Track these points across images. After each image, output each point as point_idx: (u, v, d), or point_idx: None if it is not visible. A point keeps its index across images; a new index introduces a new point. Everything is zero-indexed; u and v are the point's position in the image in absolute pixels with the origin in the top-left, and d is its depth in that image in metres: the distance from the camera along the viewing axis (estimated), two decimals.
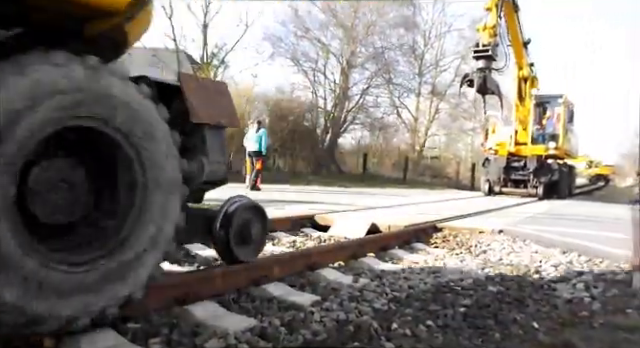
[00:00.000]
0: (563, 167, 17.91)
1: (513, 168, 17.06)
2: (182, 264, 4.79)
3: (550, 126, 17.77)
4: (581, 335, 3.35)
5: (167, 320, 3.13)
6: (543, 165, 16.60)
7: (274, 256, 4.75)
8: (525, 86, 17.15)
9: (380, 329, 3.10)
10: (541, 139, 17.38)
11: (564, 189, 17.58)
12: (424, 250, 6.27)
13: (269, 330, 2.94)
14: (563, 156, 18.02)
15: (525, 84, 17.14)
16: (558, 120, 17.60)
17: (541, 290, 4.41)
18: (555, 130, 17.61)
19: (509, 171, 17.10)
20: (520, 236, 6.82)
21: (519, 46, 16.15)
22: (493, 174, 17.21)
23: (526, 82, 17.14)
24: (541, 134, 17.62)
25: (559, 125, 17.57)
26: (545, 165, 16.67)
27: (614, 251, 5.94)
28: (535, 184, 16.64)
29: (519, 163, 16.92)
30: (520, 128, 17.63)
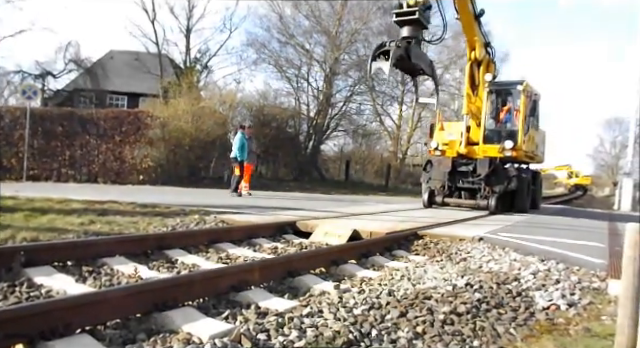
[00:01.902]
0: (524, 173, 13.99)
1: (461, 173, 13.19)
2: (160, 269, 4.73)
3: (508, 121, 13.61)
4: (557, 342, 3.40)
5: (145, 326, 3.10)
6: (497, 170, 12.75)
7: (255, 262, 4.72)
8: (478, 72, 13.15)
9: (359, 335, 3.11)
10: (497, 137, 13.31)
11: (524, 201, 13.56)
12: (405, 257, 6.29)
13: (247, 336, 2.92)
14: (523, 159, 13.77)
15: (478, 69, 13.12)
16: (517, 114, 13.35)
17: (519, 297, 4.45)
18: (513, 126, 13.38)
19: (456, 177, 13.24)
20: (500, 244, 6.88)
21: (468, 18, 11.79)
22: (436, 181, 13.42)
23: (479, 66, 13.08)
24: (497, 131, 13.57)
25: (518, 120, 13.29)
26: (500, 170, 12.83)
27: (590, 259, 6.03)
28: (487, 194, 12.71)
29: (468, 167, 13.07)
30: (473, 124, 13.65)
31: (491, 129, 13.59)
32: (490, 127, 13.62)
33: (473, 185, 13.02)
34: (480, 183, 12.78)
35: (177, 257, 5.22)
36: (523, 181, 13.30)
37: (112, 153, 18.35)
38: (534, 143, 14.58)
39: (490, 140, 13.23)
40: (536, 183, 15.68)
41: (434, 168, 13.42)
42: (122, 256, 4.89)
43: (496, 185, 12.61)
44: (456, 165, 13.17)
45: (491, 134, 13.46)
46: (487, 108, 13.45)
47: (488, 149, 13.01)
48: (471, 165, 12.99)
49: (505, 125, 13.55)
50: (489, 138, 13.31)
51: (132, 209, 8.66)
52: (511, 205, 13.15)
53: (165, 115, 19.79)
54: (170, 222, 7.50)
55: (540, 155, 15.88)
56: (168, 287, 3.46)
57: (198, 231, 6.63)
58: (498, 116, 13.75)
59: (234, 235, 6.42)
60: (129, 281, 4.18)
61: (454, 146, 13.51)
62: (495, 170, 12.70)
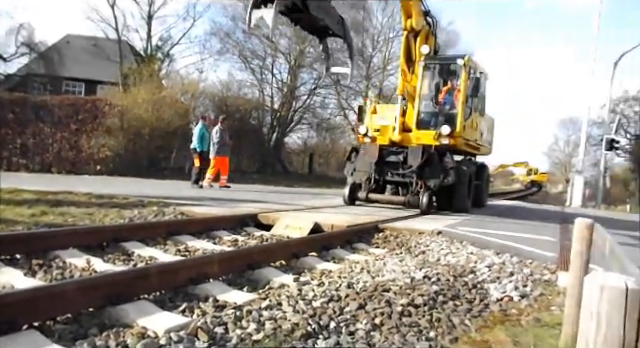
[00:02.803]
0: (465, 165, 11.82)
1: (391, 165, 10.94)
2: (116, 262, 4.62)
3: (447, 103, 11.29)
4: (509, 332, 3.50)
5: (98, 320, 3.02)
6: (432, 161, 10.56)
7: (214, 254, 4.67)
8: (415, 44, 11.17)
9: (318, 327, 3.12)
10: (433, 122, 11.19)
11: (463, 199, 11.34)
12: (365, 250, 6.35)
13: (204, 329, 2.88)
14: (463, 148, 11.70)
15: (415, 41, 11.17)
16: (458, 94, 11.16)
17: (475, 290, 4.56)
18: (452, 108, 11.19)
19: (384, 169, 10.98)
20: (457, 238, 7.03)
21: None
22: (361, 173, 11.18)
23: (416, 38, 11.15)
24: (434, 115, 11.40)
25: (458, 101, 11.12)
26: (435, 161, 10.60)
27: (543, 253, 6.23)
28: (419, 189, 10.53)
29: (398, 157, 10.85)
30: (410, 107, 11.55)
31: (427, 112, 11.47)
32: (426, 110, 11.49)
33: (404, 178, 10.81)
34: (412, 176, 10.61)
35: (134, 250, 5.10)
36: (463, 175, 11.17)
37: (67, 142, 17.77)
38: (478, 130, 12.48)
39: (425, 125, 11.15)
40: (481, 178, 13.42)
41: (359, 158, 11.19)
42: (75, 249, 4.74)
43: (430, 179, 10.42)
44: (384, 154, 10.92)
45: (427, 118, 11.39)
46: (422, 87, 11.40)
47: (422, 136, 10.95)
48: (402, 155, 10.75)
49: (444, 108, 11.24)
50: (424, 123, 11.23)
51: (88, 200, 8.42)
52: (449, 203, 11.18)
53: (124, 103, 19.34)
54: (127, 214, 7.33)
55: (487, 146, 13.85)
56: (122, 280, 3.38)
57: (156, 223, 6.51)
58: (437, 97, 11.47)
59: (194, 227, 6.33)
60: (82, 274, 4.07)
61: (387, 132, 11.32)
62: (429, 161, 10.48)
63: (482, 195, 13.62)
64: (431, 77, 11.78)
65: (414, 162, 10.45)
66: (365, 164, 11.02)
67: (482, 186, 13.55)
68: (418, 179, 10.51)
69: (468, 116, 11.40)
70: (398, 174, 10.85)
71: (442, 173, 10.46)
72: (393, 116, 11.43)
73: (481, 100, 12.58)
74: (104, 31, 30.17)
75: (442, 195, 11.06)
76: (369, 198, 10.80)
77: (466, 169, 11.47)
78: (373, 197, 10.86)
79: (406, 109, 11.51)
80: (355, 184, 11.13)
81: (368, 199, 10.82)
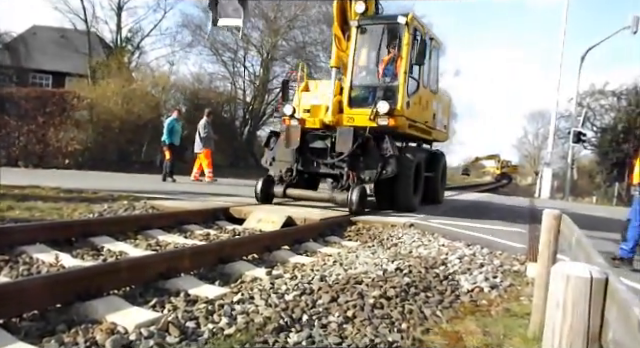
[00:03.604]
0: (410, 153, 9.42)
1: (317, 152, 8.82)
2: (85, 257, 4.53)
3: (389, 75, 9.00)
4: (480, 322, 3.56)
5: (66, 317, 2.95)
6: (367, 147, 8.42)
7: (185, 249, 4.62)
8: (350, 4, 9.27)
9: (290, 321, 3.11)
10: (371, 99, 8.95)
11: (408, 195, 9.06)
12: (338, 243, 6.36)
13: (175, 324, 2.85)
14: (407, 130, 9.16)
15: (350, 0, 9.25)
16: (399, 63, 8.85)
17: (446, 281, 4.62)
18: (393, 81, 8.88)
19: (310, 158, 8.85)
20: (430, 230, 7.11)
21: None
22: (281, 163, 9.01)
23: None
24: (371, 89, 9.16)
25: (400, 71, 8.81)
26: (371, 148, 8.44)
27: (512, 244, 6.35)
28: (351, 183, 8.27)
29: (325, 143, 8.72)
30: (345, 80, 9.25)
31: (362, 86, 9.26)
32: (361, 83, 9.28)
33: (333, 170, 8.63)
34: (343, 167, 8.46)
35: (103, 244, 5.01)
36: (407, 164, 8.89)
37: (35, 135, 17.29)
38: (429, 110, 10.25)
39: (360, 103, 8.92)
40: (435, 168, 11.16)
41: (279, 144, 8.96)
42: (43, 244, 4.63)
43: (365, 170, 8.31)
44: (309, 139, 8.75)
45: (362, 94, 9.16)
46: (357, 55, 9.20)
47: (356, 116, 8.74)
48: (330, 139, 8.60)
49: (383, 81, 8.98)
50: (358, 100, 9.02)
51: (56, 194, 8.23)
52: (392, 200, 9.07)
53: (93, 96, 18.93)
54: (97, 208, 7.20)
55: (441, 130, 11.57)
56: (91, 275, 3.31)
57: (126, 217, 6.40)
58: (378, 69, 9.18)
59: (165, 221, 6.24)
60: (49, 270, 3.97)
61: (318, 113, 9.14)
62: (364, 147, 8.31)
63: (436, 189, 11.41)
64: (369, 43, 9.55)
65: (344, 148, 8.20)
66: (286, 152, 8.85)
67: (436, 179, 11.22)
68: (350, 170, 8.30)
69: (414, 91, 9.20)
70: (326, 164, 8.65)
71: (380, 162, 8.27)
72: (328, 94, 9.09)
73: (432, 73, 10.40)
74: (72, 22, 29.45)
75: (382, 190, 9.13)
76: (287, 194, 8.53)
77: (411, 158, 9.11)
78: (292, 193, 8.56)
79: (342, 82, 9.39)
80: (270, 177, 8.88)
81: (286, 195, 8.54)
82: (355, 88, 9.15)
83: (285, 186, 8.59)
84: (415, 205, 9.37)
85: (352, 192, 7.95)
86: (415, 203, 9.42)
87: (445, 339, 3.17)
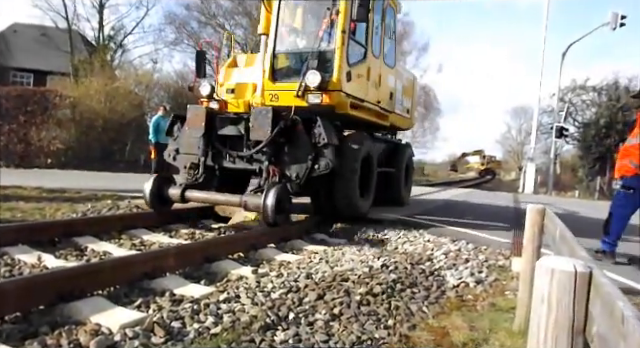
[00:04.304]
0: (356, 142, 7.17)
1: (231, 142, 6.77)
2: (69, 258, 4.47)
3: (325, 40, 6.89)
4: (466, 317, 3.57)
5: (49, 318, 2.91)
6: (294, 134, 6.39)
7: (170, 248, 4.57)
8: None
9: (276, 319, 3.10)
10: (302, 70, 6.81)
11: (350, 196, 7.00)
12: (324, 240, 6.36)
13: (160, 324, 2.82)
14: (347, 110, 6.93)
15: None
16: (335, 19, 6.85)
17: (432, 277, 4.64)
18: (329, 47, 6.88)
19: (219, 150, 6.80)
20: (416, 226, 7.13)
21: None
22: (185, 157, 6.98)
23: None
24: (300, 57, 7.23)
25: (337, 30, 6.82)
26: (299, 134, 6.38)
27: (497, 239, 6.40)
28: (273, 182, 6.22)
29: (239, 128, 6.65)
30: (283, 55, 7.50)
31: (289, 52, 7.41)
32: (288, 49, 7.43)
33: (252, 164, 6.53)
34: (263, 160, 6.39)
35: (87, 244, 4.95)
36: (350, 157, 6.87)
37: (16, 134, 17.05)
38: (384, 88, 8.28)
39: (285, 75, 7.13)
40: (397, 163, 9.38)
41: (184, 132, 6.94)
42: (25, 245, 4.56)
43: (291, 164, 6.29)
44: (218, 124, 6.69)
45: (289, 63, 7.37)
46: (281, 10, 7.37)
47: (280, 92, 6.91)
48: (243, 124, 6.50)
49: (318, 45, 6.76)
50: (284, 71, 7.22)
51: (38, 194, 8.12)
52: (332, 203, 7.03)
53: (76, 95, 18.70)
54: (80, 208, 7.11)
55: (404, 115, 9.57)
56: (74, 276, 3.27)
57: (111, 217, 6.32)
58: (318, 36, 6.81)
59: (149, 221, 6.18)
60: (32, 271, 3.91)
61: (244, 94, 7.26)
62: (290, 134, 6.30)
63: (398, 188, 9.46)
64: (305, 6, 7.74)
65: (260, 135, 6.13)
66: (191, 143, 6.81)
67: (398, 175, 9.34)
68: (271, 165, 6.28)
69: (359, 60, 7.22)
70: (242, 158, 6.57)
71: (310, 154, 6.19)
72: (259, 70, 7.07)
73: (387, 40, 8.33)
74: (53, 20, 29.04)
75: (318, 190, 6.99)
76: (185, 197, 6.31)
77: (356, 148, 7.00)
78: (192, 196, 6.35)
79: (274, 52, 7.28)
80: (165, 176, 6.69)
81: (184, 199, 6.32)
82: (279, 56, 7.18)
83: (184, 187, 6.33)
84: (362, 209, 7.29)
85: (266, 195, 5.64)
86: (362, 207, 7.29)
87: (432, 335, 3.18)
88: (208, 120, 6.54)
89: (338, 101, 6.68)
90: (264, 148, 6.21)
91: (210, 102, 7.40)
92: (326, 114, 6.58)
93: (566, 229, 2.43)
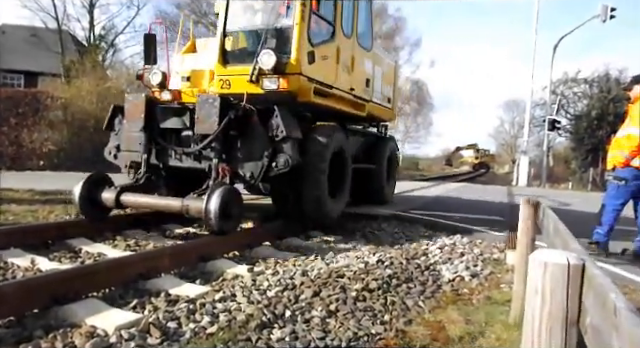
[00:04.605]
0: (324, 135, 6.10)
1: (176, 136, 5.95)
2: (62, 260, 4.44)
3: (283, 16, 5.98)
4: (462, 311, 3.59)
5: (44, 322, 2.90)
6: (248, 126, 5.50)
7: (164, 248, 4.56)
8: None
9: (273, 317, 3.10)
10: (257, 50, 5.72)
11: (317, 197, 5.97)
12: (319, 237, 6.35)
13: (156, 325, 2.82)
14: (310, 98, 5.86)
15: None
16: None
17: (427, 271, 4.66)
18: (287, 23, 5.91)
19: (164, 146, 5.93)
20: (411, 220, 7.15)
21: None
22: (126, 154, 6.14)
23: None
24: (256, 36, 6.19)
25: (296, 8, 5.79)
26: (254, 126, 5.48)
27: (492, 232, 6.42)
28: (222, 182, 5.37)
29: (183, 119, 5.80)
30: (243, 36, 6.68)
31: (243, 31, 6.50)
32: (242, 26, 6.45)
33: (200, 163, 5.73)
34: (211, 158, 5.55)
35: (81, 246, 4.92)
36: (317, 153, 5.94)
37: (7, 137, 16.90)
38: (358, 73, 7.22)
39: (238, 57, 6.19)
40: (377, 158, 8.57)
41: (123, 126, 6.09)
42: (18, 248, 4.53)
43: (245, 162, 5.49)
44: (160, 116, 5.88)
45: (244, 43, 6.53)
46: None
47: (232, 77, 5.96)
48: (188, 116, 5.73)
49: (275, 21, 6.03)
50: (237, 53, 6.29)
51: (30, 197, 8.06)
52: (299, 207, 6.05)
53: (67, 96, 18.55)
54: (74, 210, 7.06)
55: (384, 105, 8.62)
56: (68, 279, 3.25)
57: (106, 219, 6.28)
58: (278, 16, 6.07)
59: (143, 221, 6.16)
60: (25, 275, 3.88)
61: (201, 82, 6.57)
62: (243, 127, 5.50)
63: (380, 186, 8.71)
64: None
65: (207, 128, 5.36)
66: (131, 138, 5.95)
67: (379, 172, 8.55)
68: (221, 163, 5.46)
69: (325, 39, 6.30)
70: (189, 155, 5.77)
71: (267, 150, 5.38)
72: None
73: (361, 18, 7.25)
74: (43, 20, 28.83)
75: (281, 191, 6.19)
76: (121, 202, 5.49)
77: (325, 142, 6.00)
78: (129, 200, 5.51)
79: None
80: (97, 177, 5.77)
81: (119, 204, 5.52)
82: (231, 35, 6.28)
83: (119, 190, 5.51)
84: (332, 213, 6.35)
85: (209, 198, 4.80)
86: (332, 210, 6.34)
87: (428, 329, 3.19)
88: (148, 111, 5.73)
89: (298, 86, 5.72)
90: (212, 143, 5.40)
91: (162, 92, 6.54)
92: (287, 103, 5.71)
93: (559, 221, 2.44)
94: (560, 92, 30.10)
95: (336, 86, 6.52)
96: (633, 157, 5.33)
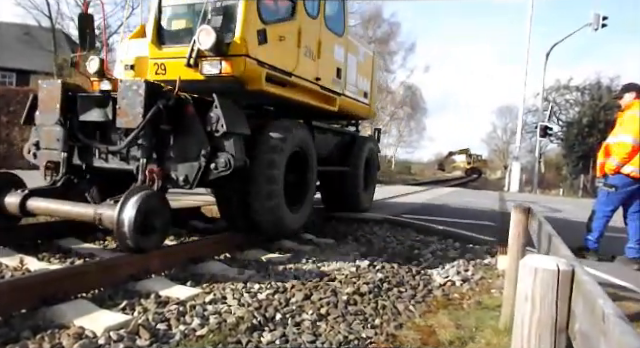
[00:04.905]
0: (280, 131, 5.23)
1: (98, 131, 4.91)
2: (52, 260, 4.41)
3: None
4: (452, 316, 3.59)
5: (31, 322, 2.87)
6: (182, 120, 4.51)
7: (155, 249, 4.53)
8: None
9: (263, 320, 3.09)
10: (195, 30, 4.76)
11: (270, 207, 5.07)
12: (311, 240, 6.34)
13: (146, 327, 2.80)
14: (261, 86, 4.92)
15: None
16: None
17: (419, 276, 4.66)
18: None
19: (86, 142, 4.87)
20: (402, 225, 7.16)
21: None
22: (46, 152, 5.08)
23: None
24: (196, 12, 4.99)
25: None
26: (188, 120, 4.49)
27: (483, 237, 6.45)
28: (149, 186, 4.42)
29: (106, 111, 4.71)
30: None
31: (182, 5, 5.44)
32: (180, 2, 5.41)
33: (128, 163, 4.77)
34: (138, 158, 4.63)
35: (71, 246, 4.89)
36: (267, 152, 5.09)
37: None
38: (330, 61, 6.33)
39: (175, 36, 5.30)
40: (353, 159, 7.79)
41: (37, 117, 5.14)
42: (7, 248, 4.48)
43: (178, 163, 4.58)
44: (80, 107, 4.90)
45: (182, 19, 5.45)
46: None
47: (167, 61, 5.13)
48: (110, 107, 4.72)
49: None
50: (174, 32, 5.36)
51: None
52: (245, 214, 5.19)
53: None
54: None
55: (360, 100, 7.68)
56: (57, 279, 3.22)
57: None
58: None
59: None
60: (14, 274, 3.85)
61: (146, 69, 5.46)
62: (174, 119, 4.56)
63: (355, 192, 7.82)
64: None
65: (128, 120, 4.44)
66: (50, 133, 5.03)
67: (355, 175, 7.72)
68: (151, 164, 4.54)
69: (283, 17, 5.46)
70: (116, 154, 4.80)
71: (204, 148, 4.46)
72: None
73: (333, 2, 6.59)
74: (36, 19, 28.71)
75: (229, 198, 5.24)
76: (27, 208, 4.58)
77: (279, 139, 5.17)
78: (35, 206, 4.59)
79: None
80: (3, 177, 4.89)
81: (25, 210, 4.60)
82: (167, 10, 5.37)
83: (25, 195, 4.60)
84: (291, 226, 5.55)
85: (123, 206, 3.82)
86: (291, 223, 5.53)
87: (418, 333, 3.19)
88: (65, 101, 4.78)
89: (245, 71, 4.72)
90: (139, 140, 4.44)
91: (101, 82, 5.62)
92: (235, 92, 4.90)
93: (550, 227, 2.45)
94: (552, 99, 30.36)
95: (297, 74, 5.59)
96: (624, 164, 5.37)
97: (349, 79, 7.12)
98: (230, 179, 4.65)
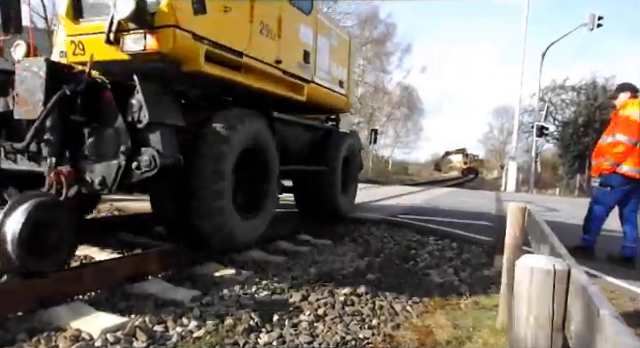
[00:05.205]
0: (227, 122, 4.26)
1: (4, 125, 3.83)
2: None
3: None
4: (450, 316, 3.60)
5: (28, 325, 2.86)
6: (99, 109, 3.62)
7: (152, 251, 4.52)
8: None
9: (261, 321, 3.09)
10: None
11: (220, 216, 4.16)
12: (309, 241, 6.33)
13: (143, 329, 2.79)
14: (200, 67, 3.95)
15: None
16: None
17: (416, 276, 4.67)
18: None
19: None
20: (400, 225, 7.17)
21: None
22: None
23: None
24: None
25: None
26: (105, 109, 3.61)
27: (480, 237, 6.46)
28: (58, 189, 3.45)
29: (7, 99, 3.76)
30: None
31: None
32: None
33: (40, 165, 3.72)
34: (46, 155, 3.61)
35: None
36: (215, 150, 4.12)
37: None
38: (295, 43, 5.54)
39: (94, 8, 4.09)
40: (328, 158, 6.86)
41: None
42: None
43: (94, 162, 3.63)
44: None
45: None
46: None
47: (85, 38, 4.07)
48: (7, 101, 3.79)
49: None
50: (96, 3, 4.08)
51: None
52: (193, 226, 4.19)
53: None
54: None
55: (335, 90, 6.90)
56: (54, 282, 3.21)
57: (91, 220, 6.24)
58: None
59: (131, 224, 6.11)
60: None
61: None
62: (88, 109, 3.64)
63: (331, 194, 6.92)
64: None
65: (27, 110, 3.60)
66: None
67: (331, 176, 6.84)
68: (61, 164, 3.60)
69: None
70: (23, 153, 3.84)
71: (124, 143, 3.58)
72: None
73: None
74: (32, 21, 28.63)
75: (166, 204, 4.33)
76: None
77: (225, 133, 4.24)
78: None
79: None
80: None
81: None
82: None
83: None
84: (242, 238, 4.61)
85: (5, 218, 3.03)
86: (243, 234, 4.61)
87: (416, 334, 3.20)
88: None
89: (175, 47, 3.77)
90: (46, 134, 3.59)
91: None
92: (170, 76, 4.11)
93: (547, 227, 2.46)
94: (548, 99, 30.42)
95: (251, 55, 4.63)
96: (619, 163, 5.39)
97: (320, 64, 6.25)
98: (158, 182, 3.82)
